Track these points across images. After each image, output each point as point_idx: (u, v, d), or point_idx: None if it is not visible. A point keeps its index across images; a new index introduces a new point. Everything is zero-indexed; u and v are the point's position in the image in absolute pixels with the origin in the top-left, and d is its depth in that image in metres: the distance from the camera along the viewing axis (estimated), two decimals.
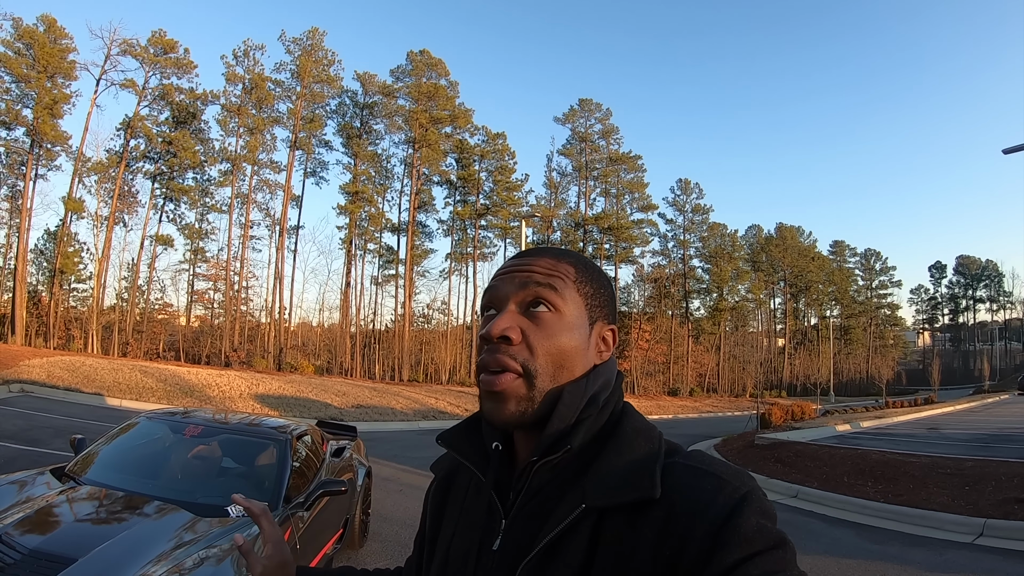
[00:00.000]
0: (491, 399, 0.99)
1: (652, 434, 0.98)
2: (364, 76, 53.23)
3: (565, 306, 1.02)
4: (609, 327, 1.08)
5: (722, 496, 0.84)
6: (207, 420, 5.61)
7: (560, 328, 1.00)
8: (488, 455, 1.07)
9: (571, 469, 0.97)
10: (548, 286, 1.02)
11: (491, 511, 1.03)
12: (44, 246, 44.59)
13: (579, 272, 1.07)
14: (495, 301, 1.04)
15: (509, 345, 0.99)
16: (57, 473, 4.63)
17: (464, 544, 1.05)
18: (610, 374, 1.06)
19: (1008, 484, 10.15)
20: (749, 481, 0.88)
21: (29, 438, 12.13)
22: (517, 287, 1.03)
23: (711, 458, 0.94)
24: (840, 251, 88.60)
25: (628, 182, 62.33)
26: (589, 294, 1.06)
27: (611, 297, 1.11)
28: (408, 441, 19.24)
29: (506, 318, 1.00)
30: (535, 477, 0.99)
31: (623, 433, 0.98)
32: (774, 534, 0.81)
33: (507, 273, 1.06)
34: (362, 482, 7.34)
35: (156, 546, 3.51)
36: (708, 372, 70.11)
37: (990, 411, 33.16)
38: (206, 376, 27.62)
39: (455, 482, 1.19)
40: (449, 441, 1.13)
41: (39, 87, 39.08)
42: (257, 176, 49.06)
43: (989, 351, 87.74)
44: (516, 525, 0.98)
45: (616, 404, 1.03)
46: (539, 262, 1.06)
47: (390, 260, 55.12)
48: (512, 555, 0.95)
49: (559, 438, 0.96)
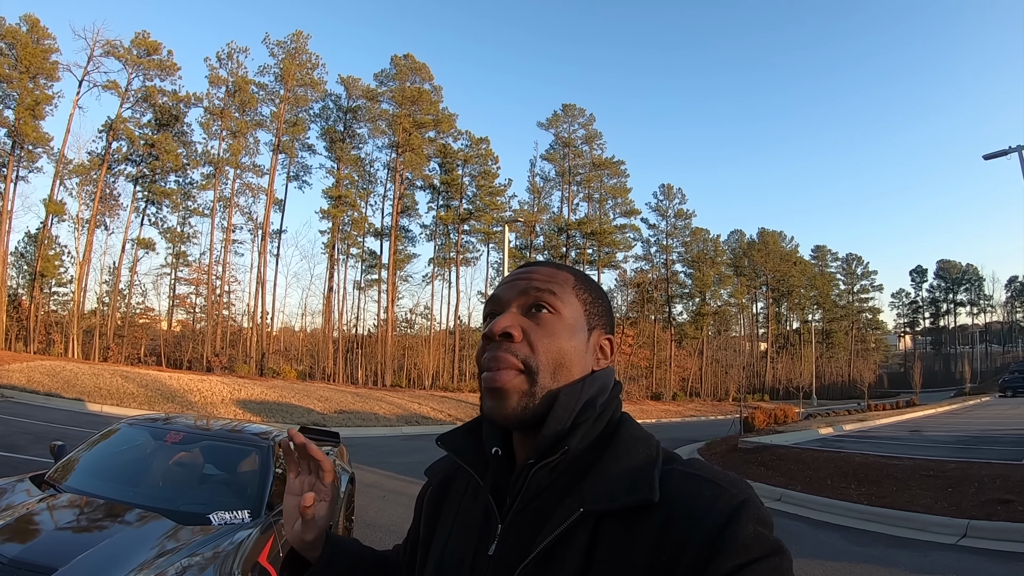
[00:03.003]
0: (493, 396, 1.00)
1: (650, 442, 0.99)
2: (348, 80, 53.20)
3: (565, 309, 1.05)
4: (606, 336, 1.11)
5: (720, 503, 0.84)
6: (189, 426, 5.53)
7: (560, 329, 1.03)
8: (487, 460, 1.08)
9: (569, 474, 0.97)
10: (548, 291, 1.05)
11: (487, 515, 1.03)
12: (24, 249, 44.23)
13: (578, 280, 1.11)
14: (497, 306, 1.08)
15: (511, 342, 1.01)
16: (37, 480, 4.55)
17: (459, 548, 1.05)
18: (607, 380, 1.07)
19: (991, 485, 10.22)
20: (747, 489, 0.88)
21: (8, 444, 11.99)
22: (518, 293, 1.07)
23: (709, 466, 0.95)
24: (822, 256, 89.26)
25: (611, 187, 62.61)
26: (588, 301, 1.09)
27: (608, 308, 1.14)
28: (391, 447, 19.18)
29: (507, 317, 1.03)
30: (532, 480, 0.99)
31: (621, 440, 0.99)
32: (771, 542, 0.83)
33: (509, 282, 1.10)
34: (345, 488, 7.28)
35: (138, 555, 3.46)
36: (691, 376, 70.35)
37: (971, 413, 33.41)
38: (188, 381, 27.43)
39: (451, 487, 1.19)
40: (449, 444, 1.13)
41: (21, 88, 38.79)
42: (240, 180, 49.01)
43: (970, 354, 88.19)
44: (513, 530, 0.98)
45: (614, 412, 1.05)
46: (539, 271, 1.10)
47: (373, 265, 55.05)
48: (509, 560, 0.94)
49: (556, 440, 0.97)
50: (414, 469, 13.67)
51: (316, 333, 53.66)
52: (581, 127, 62.21)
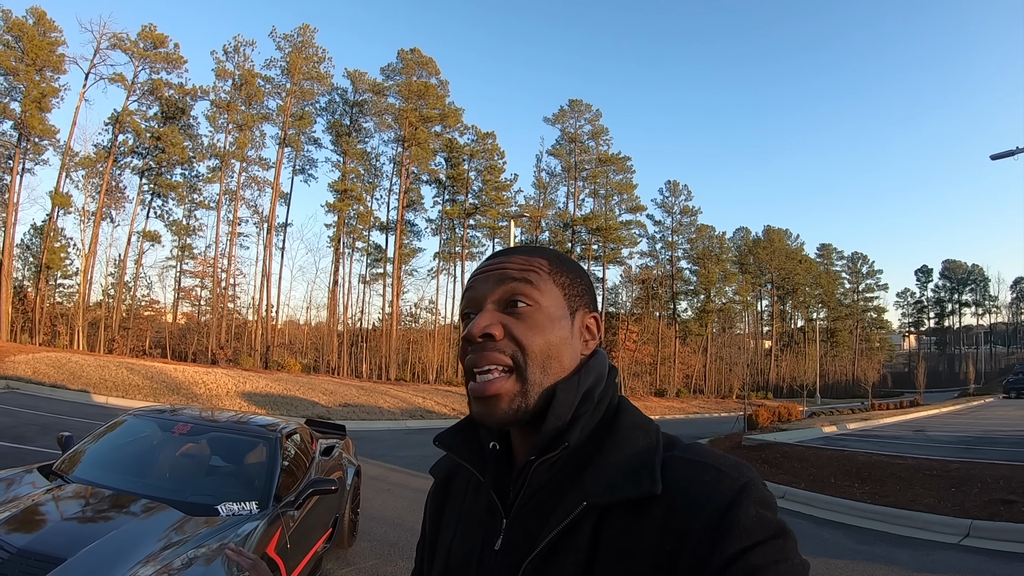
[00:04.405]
0: (482, 403, 0.98)
1: (649, 428, 0.98)
2: (354, 74, 53.21)
3: (543, 298, 1.02)
4: (591, 315, 1.08)
5: (721, 488, 0.84)
6: (195, 418, 5.55)
7: (542, 320, 1.00)
8: (485, 455, 1.08)
9: (570, 466, 0.97)
10: (524, 280, 1.02)
11: (491, 511, 1.03)
12: (30, 241, 44.39)
13: (552, 264, 1.07)
14: (472, 303, 1.05)
15: (493, 342, 0.98)
16: (44, 471, 4.57)
17: (465, 545, 1.05)
18: (602, 368, 1.05)
19: (994, 486, 10.22)
20: (748, 472, 0.88)
21: (15, 435, 12.04)
22: (492, 285, 1.03)
23: (710, 450, 0.94)
24: (827, 254, 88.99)
25: (617, 183, 62.50)
26: (565, 284, 1.06)
27: (588, 285, 1.11)
28: (395, 440, 19.22)
29: (486, 316, 1.00)
30: (534, 476, 0.98)
31: (620, 428, 0.98)
32: (774, 523, 0.82)
33: (481, 274, 1.07)
34: (351, 481, 7.30)
35: (145, 546, 3.47)
36: (695, 373, 70.31)
37: (975, 414, 33.34)
38: (193, 373, 27.48)
39: (453, 484, 1.18)
40: (446, 442, 1.12)
41: (27, 80, 38.73)
42: (245, 173, 48.99)
43: (974, 355, 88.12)
44: (517, 524, 0.98)
45: (611, 399, 1.03)
46: (512, 259, 1.06)
47: (378, 259, 55.14)
48: (515, 554, 0.95)
49: (556, 436, 0.96)
50: (418, 463, 13.69)
51: (321, 326, 53.79)
52: (588, 123, 62.10)
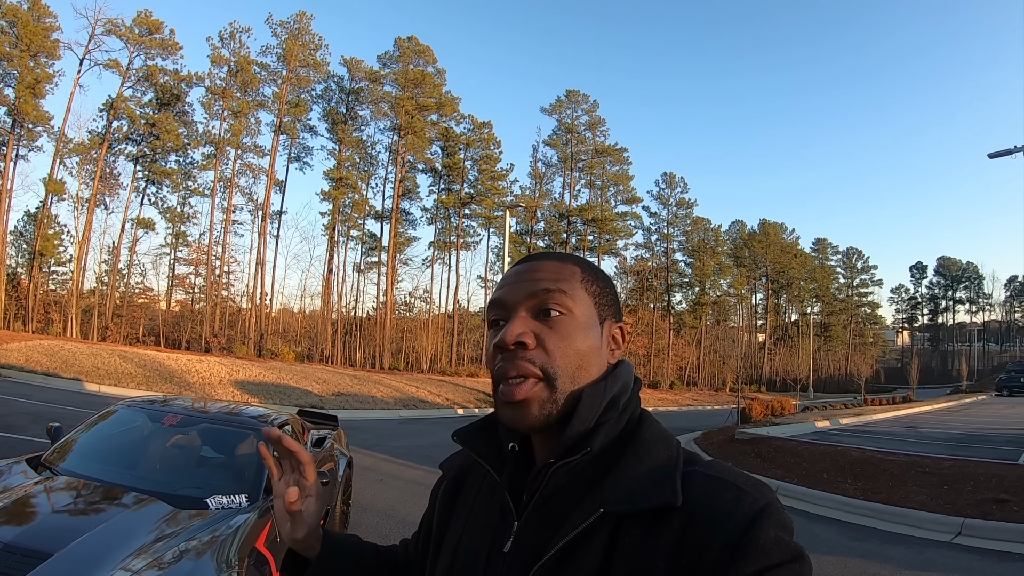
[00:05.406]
0: (512, 408, 0.97)
1: (670, 442, 0.98)
2: (351, 61, 52.87)
3: (576, 307, 1.01)
4: (617, 325, 1.09)
5: (742, 507, 0.84)
6: (186, 409, 5.50)
7: (574, 329, 1.00)
8: (503, 456, 1.08)
9: (588, 473, 0.96)
10: (557, 290, 1.01)
11: (504, 512, 1.03)
12: (24, 228, 44.06)
13: (584, 272, 1.06)
14: (503, 311, 1.03)
15: (525, 351, 0.97)
16: (33, 463, 4.53)
17: (474, 544, 1.05)
18: (628, 378, 1.05)
19: (986, 484, 10.25)
20: (769, 493, 0.87)
21: (6, 424, 12.00)
22: (525, 294, 1.02)
23: (731, 468, 0.93)
24: (822, 249, 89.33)
25: (613, 174, 62.39)
26: (596, 292, 1.05)
27: (615, 295, 1.11)
28: (389, 430, 19.22)
29: (518, 324, 0.99)
30: (551, 479, 0.98)
31: (642, 439, 0.98)
32: (792, 547, 0.82)
33: (513, 282, 1.05)
34: (343, 472, 7.31)
35: (136, 539, 3.45)
36: (688, 366, 70.44)
37: (968, 411, 33.46)
38: (186, 362, 27.48)
39: (466, 482, 1.18)
40: (465, 439, 1.12)
41: (21, 66, 38.40)
42: (240, 160, 48.63)
43: (967, 352, 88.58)
44: (529, 527, 0.97)
45: (634, 410, 1.03)
46: (544, 266, 1.05)
47: (373, 247, 54.88)
48: (524, 558, 0.94)
49: (578, 440, 0.95)
50: (411, 453, 13.71)
51: (315, 315, 53.60)
52: (584, 113, 61.91)
